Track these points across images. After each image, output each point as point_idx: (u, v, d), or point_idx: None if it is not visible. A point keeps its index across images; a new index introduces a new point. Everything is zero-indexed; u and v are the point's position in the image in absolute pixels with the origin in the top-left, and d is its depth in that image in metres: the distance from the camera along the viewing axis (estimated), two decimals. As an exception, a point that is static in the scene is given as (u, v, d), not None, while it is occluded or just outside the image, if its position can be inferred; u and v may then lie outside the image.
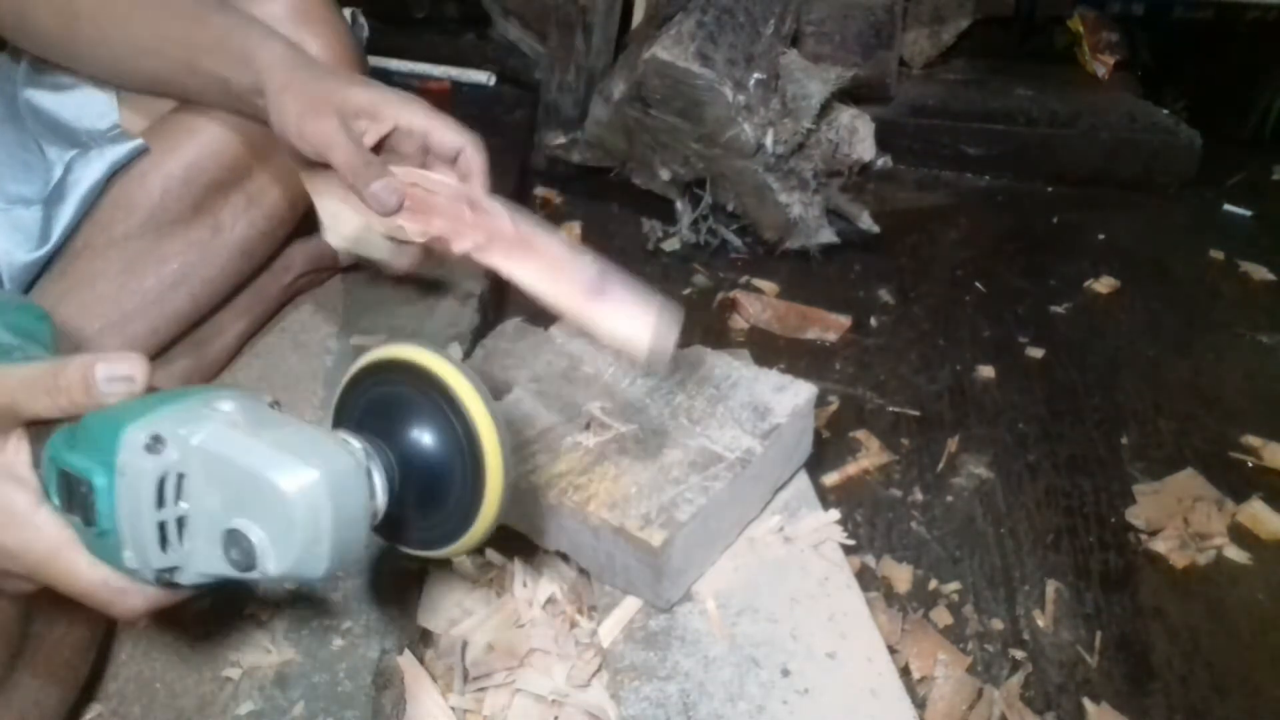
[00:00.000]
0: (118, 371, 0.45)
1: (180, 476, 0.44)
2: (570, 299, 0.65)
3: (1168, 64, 1.76)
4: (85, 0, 0.73)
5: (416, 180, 0.68)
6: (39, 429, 0.47)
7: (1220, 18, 1.72)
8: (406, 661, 0.72)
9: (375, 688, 0.68)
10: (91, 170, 0.80)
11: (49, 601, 0.60)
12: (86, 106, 0.83)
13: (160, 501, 0.44)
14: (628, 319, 0.65)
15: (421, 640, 0.77)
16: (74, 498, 0.45)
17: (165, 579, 0.46)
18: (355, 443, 0.49)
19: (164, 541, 0.44)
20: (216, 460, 0.44)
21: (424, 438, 0.52)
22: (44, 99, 0.83)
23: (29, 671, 0.58)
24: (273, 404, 0.49)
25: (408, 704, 0.71)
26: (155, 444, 0.43)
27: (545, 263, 0.66)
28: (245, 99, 0.71)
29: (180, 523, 0.44)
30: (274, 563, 0.44)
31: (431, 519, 0.54)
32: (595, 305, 0.64)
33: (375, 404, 0.53)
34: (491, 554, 0.84)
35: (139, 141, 0.81)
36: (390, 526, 0.52)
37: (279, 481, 0.43)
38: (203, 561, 0.45)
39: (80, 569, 0.45)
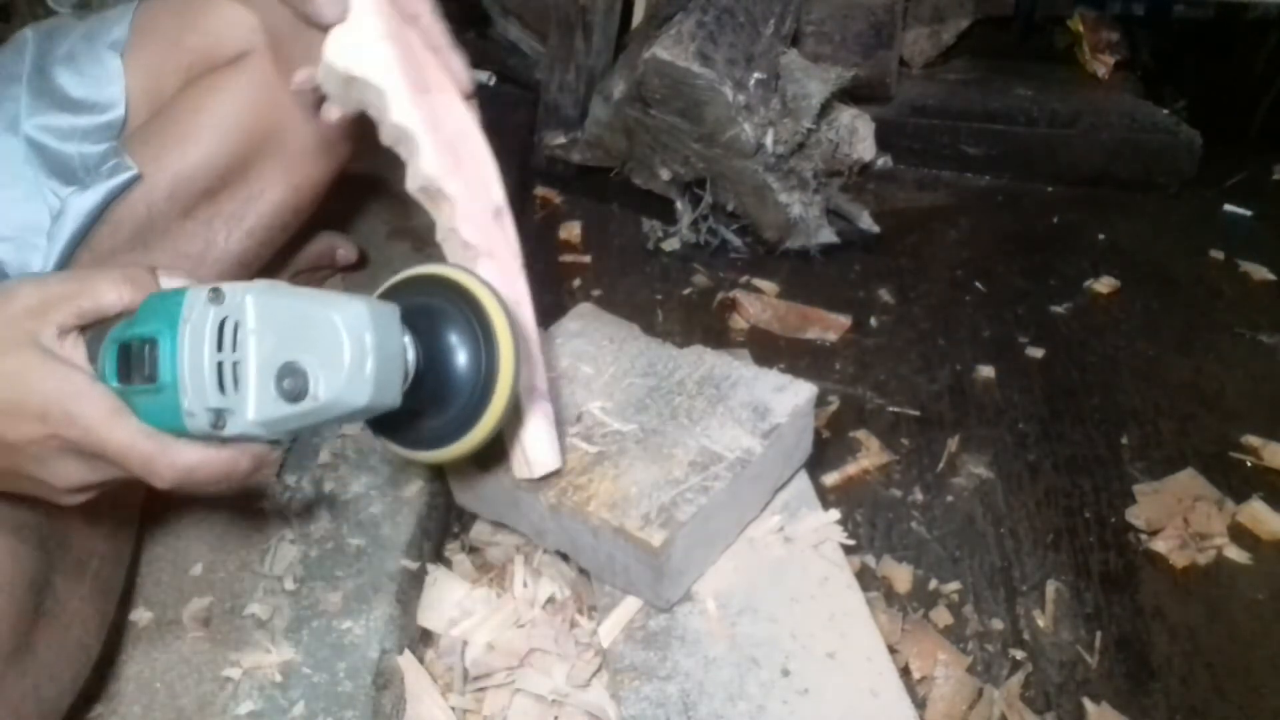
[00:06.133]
0: (175, 272, 0.56)
1: (236, 325, 0.50)
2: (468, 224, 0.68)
3: (1168, 64, 1.76)
4: None
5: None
6: (94, 331, 0.54)
7: (1220, 18, 1.72)
8: (406, 661, 0.72)
9: (375, 688, 0.68)
10: (86, 203, 0.79)
11: (68, 565, 0.62)
12: (86, 129, 0.81)
13: (219, 345, 0.50)
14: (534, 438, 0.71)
15: (421, 640, 0.77)
16: (134, 367, 0.52)
17: (218, 425, 0.51)
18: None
19: (220, 384, 0.50)
20: (272, 306, 0.50)
21: (448, 339, 0.59)
22: (44, 134, 0.81)
23: (44, 643, 0.59)
24: None
25: (408, 704, 0.71)
26: (216, 295, 0.50)
27: (467, 176, 0.69)
28: None
29: (235, 369, 0.50)
30: (324, 386, 0.51)
31: (439, 417, 0.61)
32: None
33: (405, 313, 0.58)
34: (491, 554, 0.84)
35: (133, 172, 0.79)
36: (397, 423, 0.58)
37: (330, 312, 0.51)
38: (254, 405, 0.50)
39: (132, 428, 0.52)
